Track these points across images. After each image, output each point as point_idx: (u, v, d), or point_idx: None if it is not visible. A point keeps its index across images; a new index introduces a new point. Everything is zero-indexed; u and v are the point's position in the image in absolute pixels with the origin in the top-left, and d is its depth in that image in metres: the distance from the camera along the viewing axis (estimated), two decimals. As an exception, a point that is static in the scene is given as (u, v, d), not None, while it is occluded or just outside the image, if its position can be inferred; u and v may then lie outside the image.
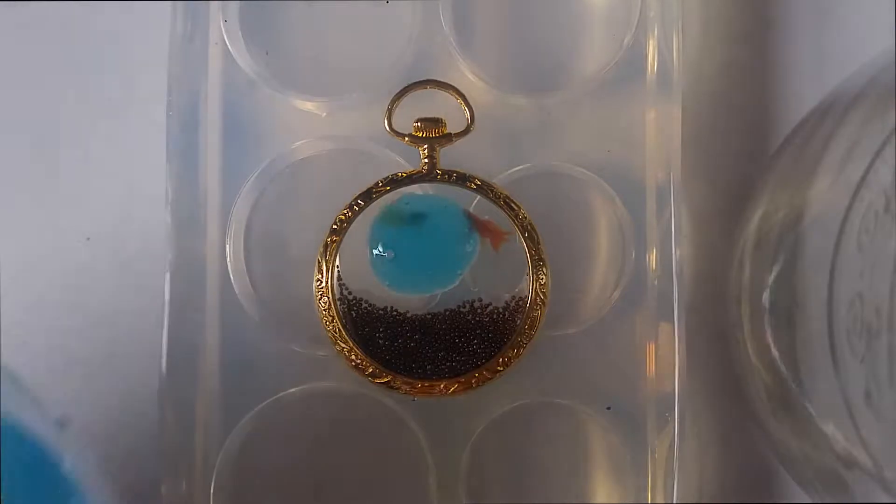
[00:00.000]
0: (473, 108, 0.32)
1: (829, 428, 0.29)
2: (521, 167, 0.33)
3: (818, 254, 0.29)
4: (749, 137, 0.35)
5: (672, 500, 0.32)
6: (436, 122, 0.32)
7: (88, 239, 0.35)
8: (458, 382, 0.31)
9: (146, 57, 0.35)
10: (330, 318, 0.31)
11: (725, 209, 0.35)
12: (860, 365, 0.28)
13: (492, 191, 0.32)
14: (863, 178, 0.28)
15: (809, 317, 0.29)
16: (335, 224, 0.32)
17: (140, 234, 0.35)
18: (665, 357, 0.32)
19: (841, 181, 0.29)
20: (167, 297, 0.32)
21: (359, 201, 0.32)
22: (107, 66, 0.36)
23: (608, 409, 0.33)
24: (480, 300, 0.32)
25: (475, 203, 0.32)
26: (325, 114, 0.33)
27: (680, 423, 0.32)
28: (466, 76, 0.33)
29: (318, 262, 0.31)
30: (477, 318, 0.31)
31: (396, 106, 0.32)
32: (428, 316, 0.32)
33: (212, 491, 0.32)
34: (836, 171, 0.30)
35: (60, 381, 0.35)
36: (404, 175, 0.32)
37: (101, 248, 0.35)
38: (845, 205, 0.28)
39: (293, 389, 0.33)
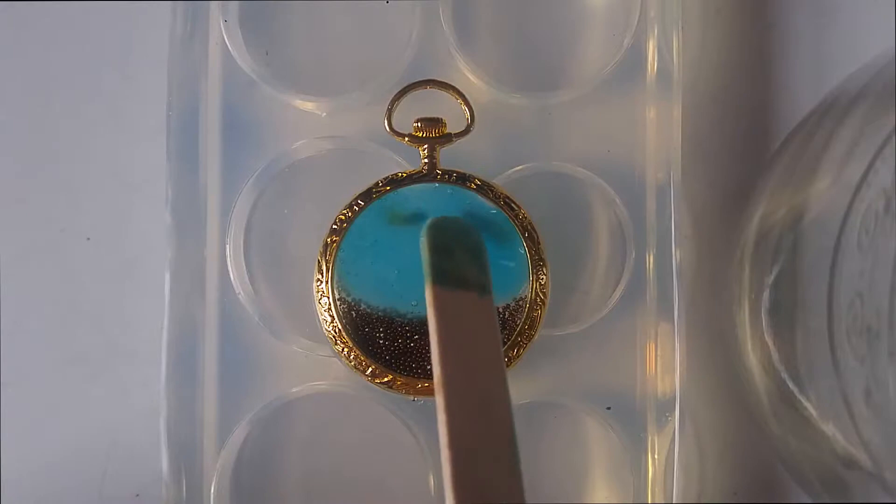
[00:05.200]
0: (473, 108, 0.32)
1: (829, 428, 0.29)
2: (521, 167, 0.33)
3: (818, 254, 0.29)
4: (749, 137, 0.35)
5: (672, 499, 0.32)
6: (436, 122, 0.32)
7: (89, 239, 0.35)
8: (458, 382, 0.31)
9: (146, 57, 0.35)
10: (330, 318, 0.31)
11: (725, 209, 0.35)
12: (860, 365, 0.27)
13: (492, 191, 0.32)
14: (863, 178, 0.28)
15: (809, 317, 0.29)
16: (335, 224, 0.32)
17: (140, 234, 0.35)
18: (665, 357, 0.32)
19: (841, 181, 0.29)
20: (167, 297, 0.32)
21: (359, 201, 0.32)
22: (107, 66, 0.36)
23: (608, 409, 0.33)
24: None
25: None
26: (325, 114, 0.33)
27: (680, 423, 0.32)
28: (466, 76, 0.33)
29: (318, 262, 0.31)
30: (477, 318, 0.31)
31: (396, 106, 0.32)
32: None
33: (212, 491, 0.32)
34: (836, 171, 0.30)
35: (59, 381, 0.35)
36: (404, 175, 0.32)
37: (101, 248, 0.35)
38: (845, 205, 0.28)
39: (293, 390, 0.32)
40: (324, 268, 0.31)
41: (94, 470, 0.35)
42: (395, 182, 0.32)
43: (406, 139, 0.32)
